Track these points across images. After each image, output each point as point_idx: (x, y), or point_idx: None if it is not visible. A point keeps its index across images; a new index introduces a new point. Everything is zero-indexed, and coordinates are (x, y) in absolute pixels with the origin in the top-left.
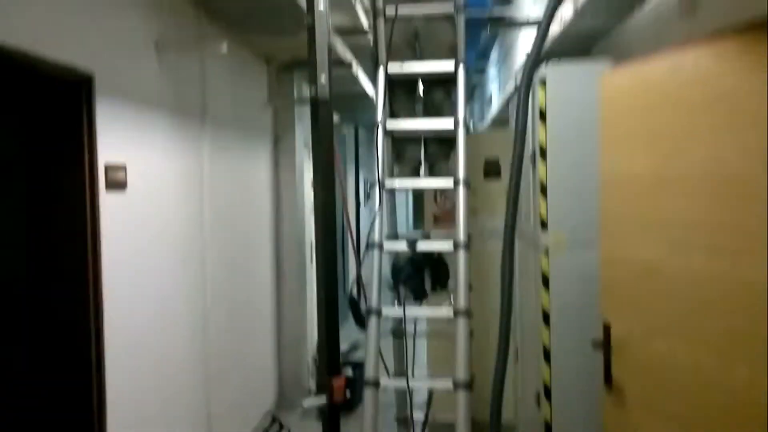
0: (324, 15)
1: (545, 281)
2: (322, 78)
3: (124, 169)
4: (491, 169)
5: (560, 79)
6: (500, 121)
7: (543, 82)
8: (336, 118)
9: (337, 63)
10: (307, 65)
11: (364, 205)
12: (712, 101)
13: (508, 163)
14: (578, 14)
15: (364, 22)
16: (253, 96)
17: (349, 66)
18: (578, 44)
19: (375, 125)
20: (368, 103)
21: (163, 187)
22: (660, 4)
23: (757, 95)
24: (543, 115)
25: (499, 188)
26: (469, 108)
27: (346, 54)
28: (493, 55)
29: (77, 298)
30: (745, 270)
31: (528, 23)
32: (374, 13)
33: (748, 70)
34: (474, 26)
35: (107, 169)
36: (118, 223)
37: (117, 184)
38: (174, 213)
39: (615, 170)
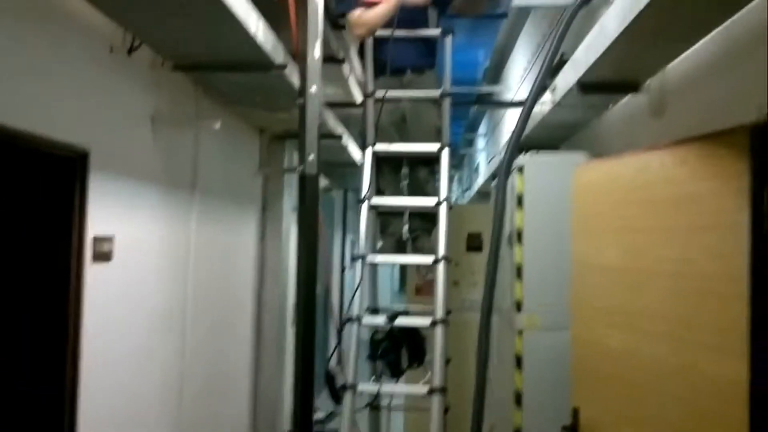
0: (315, 97)
1: (518, 362)
2: (311, 156)
3: (112, 240)
4: (474, 243)
5: (537, 168)
6: (486, 193)
7: (521, 170)
8: (325, 182)
9: (327, 135)
10: (298, 139)
11: (349, 269)
12: (677, 203)
13: (489, 237)
14: (557, 107)
15: (357, 95)
16: (244, 164)
17: (339, 138)
18: (557, 133)
19: (359, 199)
20: (357, 170)
21: (148, 258)
22: (632, 104)
23: (717, 199)
24: (520, 201)
25: (481, 261)
26: (457, 175)
27: (336, 127)
28: (482, 127)
29: (55, 370)
30: (708, 365)
31: (512, 104)
32: (364, 95)
33: (709, 175)
34: (463, 102)
35: (95, 241)
36: (101, 293)
37: (103, 255)
38: (157, 282)
39: (586, 259)
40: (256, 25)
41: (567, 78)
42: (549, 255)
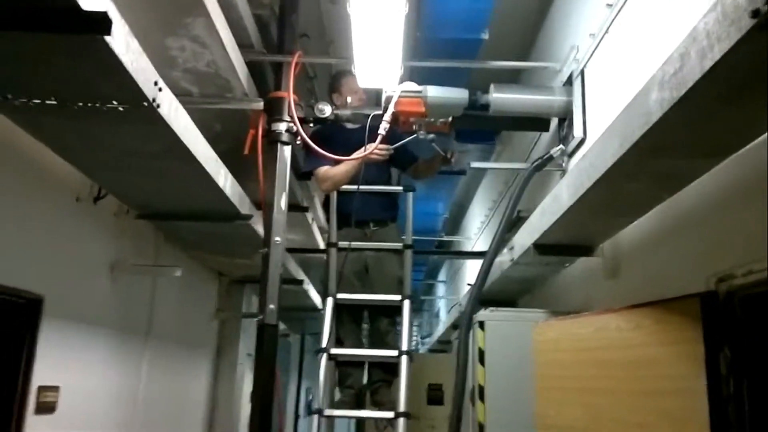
0: (279, 246)
1: None
2: (271, 306)
3: (57, 390)
4: (435, 396)
5: (497, 324)
6: (446, 341)
7: (482, 326)
8: (283, 327)
9: (288, 281)
10: (259, 285)
11: (304, 418)
12: (634, 366)
13: (451, 389)
14: (515, 264)
15: (320, 241)
16: (201, 309)
17: (301, 283)
18: (516, 287)
19: (318, 349)
20: (317, 314)
21: (95, 409)
22: (588, 263)
23: (673, 365)
24: (482, 356)
25: (442, 415)
26: (417, 321)
27: (298, 272)
28: (442, 274)
29: None
30: None
31: (472, 254)
32: (327, 244)
33: (664, 340)
34: (423, 252)
35: (40, 390)
36: None
37: (47, 407)
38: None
39: (548, 421)
40: (224, 178)
41: (523, 239)
42: (512, 413)
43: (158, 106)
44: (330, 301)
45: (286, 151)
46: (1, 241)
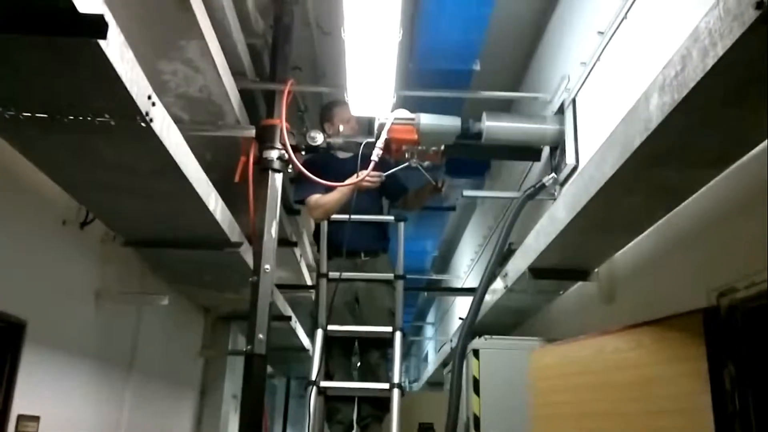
0: (269, 275)
1: None
2: (260, 335)
3: (37, 421)
4: None
5: (492, 353)
6: (436, 383)
7: (476, 354)
8: (269, 369)
9: (277, 317)
10: (247, 319)
11: None
12: (634, 387)
13: (442, 428)
14: (509, 292)
15: (308, 279)
16: (186, 346)
17: (289, 319)
18: (509, 318)
19: (307, 382)
20: (304, 356)
21: None
22: (583, 291)
23: (676, 383)
24: (476, 386)
25: None
26: (405, 365)
27: (285, 308)
28: (431, 316)
29: None
30: None
31: (462, 291)
32: (318, 275)
33: (665, 359)
34: (413, 288)
35: (19, 419)
36: None
37: None
38: None
39: None
40: (215, 202)
41: (518, 264)
42: None
43: (151, 120)
44: (320, 333)
45: (278, 179)
46: None
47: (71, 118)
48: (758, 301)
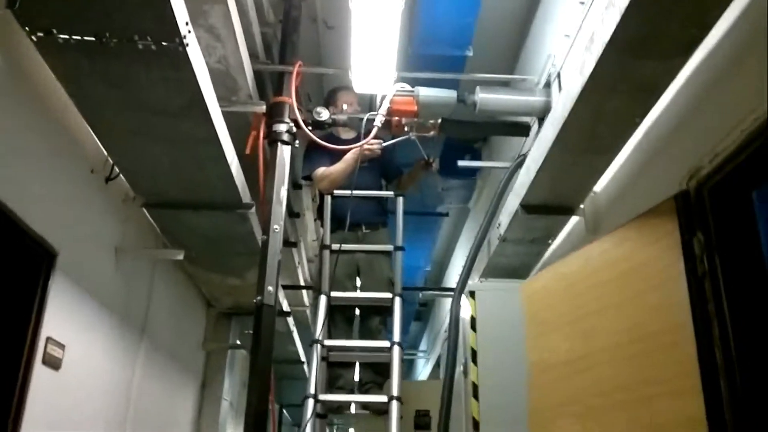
0: (278, 234)
1: None
2: (269, 288)
3: (64, 348)
4: (422, 422)
5: (487, 294)
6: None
7: (472, 295)
8: None
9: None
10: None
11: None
12: (621, 278)
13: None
14: (502, 242)
15: (305, 298)
16: (189, 335)
17: (288, 315)
18: (504, 275)
19: (312, 341)
20: (298, 371)
21: (94, 383)
22: (569, 241)
23: (655, 262)
24: (473, 323)
25: None
26: None
27: (284, 304)
28: (423, 343)
29: None
30: (667, 415)
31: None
32: (321, 246)
33: (646, 244)
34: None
35: (48, 341)
36: (46, 400)
37: (54, 361)
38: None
39: (541, 363)
40: (232, 156)
41: (511, 205)
42: (504, 375)
43: (187, 45)
44: (323, 298)
45: (286, 151)
46: (28, 189)
47: (116, 41)
48: (722, 172)
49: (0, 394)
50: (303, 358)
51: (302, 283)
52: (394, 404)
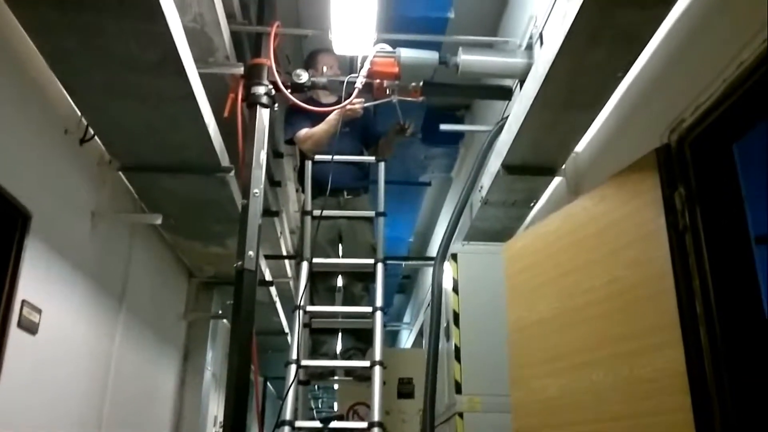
0: (258, 198)
1: None
2: (250, 252)
3: (40, 313)
4: (405, 389)
5: (469, 257)
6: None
7: (454, 257)
8: None
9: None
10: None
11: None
12: (601, 233)
13: (422, 383)
14: (484, 205)
15: (288, 268)
16: (170, 306)
17: (270, 284)
18: (486, 239)
19: (294, 307)
20: (282, 341)
21: (72, 350)
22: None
23: (636, 216)
24: (456, 287)
25: (412, 409)
26: None
27: (266, 272)
28: (407, 315)
29: None
30: (648, 369)
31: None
32: (302, 212)
33: (627, 199)
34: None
35: (23, 304)
36: (24, 367)
37: (30, 324)
38: (76, 383)
39: (521, 321)
40: (209, 117)
41: (493, 166)
42: (486, 337)
43: None
44: (305, 265)
45: (265, 114)
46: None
47: None
48: (703, 124)
49: None
50: (287, 329)
51: (283, 248)
52: (377, 369)
